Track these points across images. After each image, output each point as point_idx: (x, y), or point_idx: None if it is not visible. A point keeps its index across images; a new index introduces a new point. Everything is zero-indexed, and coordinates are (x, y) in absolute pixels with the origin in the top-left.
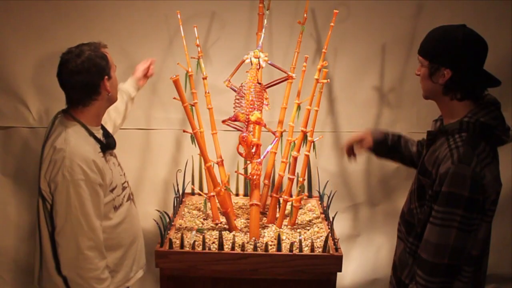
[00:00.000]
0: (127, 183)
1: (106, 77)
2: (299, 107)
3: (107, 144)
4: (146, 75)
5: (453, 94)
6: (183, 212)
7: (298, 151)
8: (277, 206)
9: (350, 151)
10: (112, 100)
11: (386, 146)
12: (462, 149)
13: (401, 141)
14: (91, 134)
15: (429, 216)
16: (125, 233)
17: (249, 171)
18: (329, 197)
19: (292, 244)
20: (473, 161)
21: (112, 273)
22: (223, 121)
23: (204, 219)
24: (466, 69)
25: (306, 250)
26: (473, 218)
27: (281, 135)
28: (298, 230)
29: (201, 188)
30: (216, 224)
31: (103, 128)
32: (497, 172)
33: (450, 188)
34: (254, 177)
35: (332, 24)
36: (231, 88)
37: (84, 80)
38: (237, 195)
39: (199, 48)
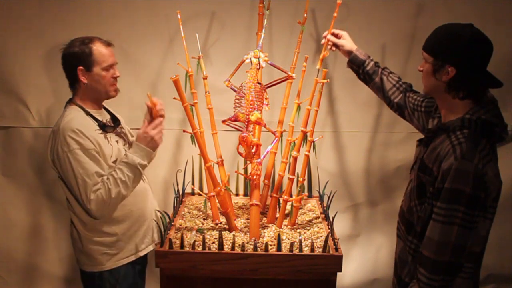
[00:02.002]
0: None
1: (81, 67)
2: (299, 107)
3: (103, 124)
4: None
5: (456, 93)
6: (183, 212)
7: (298, 151)
8: (277, 206)
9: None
10: (96, 92)
11: (362, 69)
12: (464, 145)
13: (378, 73)
14: (88, 114)
15: (430, 214)
16: (131, 205)
17: (249, 171)
18: (329, 197)
19: (292, 244)
20: (476, 157)
21: (119, 243)
22: (223, 121)
23: (204, 219)
24: (471, 68)
25: (306, 250)
26: (474, 215)
27: (281, 135)
28: (298, 230)
29: (201, 188)
30: (216, 224)
31: (110, 113)
32: (497, 169)
33: (453, 185)
34: (254, 177)
35: (335, 14)
36: (231, 88)
37: (64, 66)
38: (237, 195)
39: (200, 52)
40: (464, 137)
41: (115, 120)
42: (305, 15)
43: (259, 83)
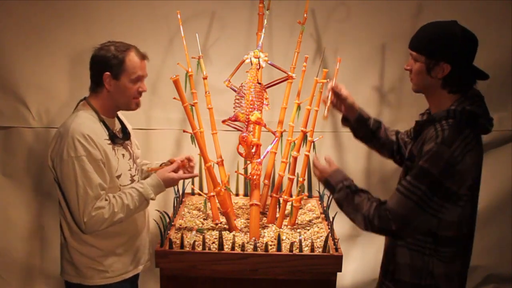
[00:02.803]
0: (138, 177)
1: (108, 73)
2: (299, 107)
3: (113, 135)
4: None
5: (451, 88)
6: (183, 212)
7: (298, 151)
8: (277, 206)
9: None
10: (117, 101)
11: (367, 127)
12: (447, 132)
13: (381, 127)
14: (101, 120)
15: None
16: (125, 223)
17: (249, 171)
18: (329, 197)
19: (292, 244)
20: (455, 144)
21: (107, 259)
22: (223, 121)
23: (204, 219)
24: (464, 63)
25: (306, 250)
26: (432, 200)
27: (281, 135)
28: (298, 230)
29: (201, 188)
30: (216, 224)
31: (121, 123)
32: (478, 159)
33: (424, 164)
34: (254, 177)
35: (337, 67)
36: (231, 88)
37: (92, 66)
38: (237, 195)
39: (200, 52)
40: (448, 125)
41: (125, 131)
42: (305, 15)
43: (259, 83)
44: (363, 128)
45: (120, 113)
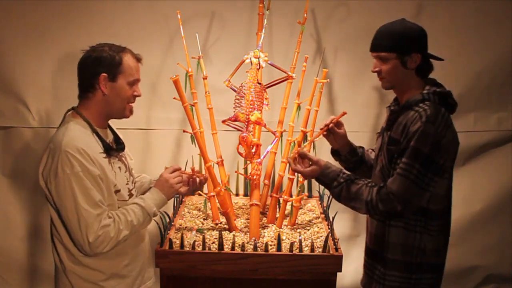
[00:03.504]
0: (135, 191)
1: (105, 74)
2: (299, 107)
3: (109, 147)
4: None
5: (423, 73)
6: (183, 212)
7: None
8: (277, 206)
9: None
10: (111, 107)
11: (357, 156)
12: (429, 111)
13: (364, 152)
14: (94, 131)
15: None
16: (127, 242)
17: (249, 171)
18: (329, 197)
19: (292, 244)
20: (437, 121)
21: (109, 282)
22: (223, 121)
23: (204, 219)
24: (426, 49)
25: (306, 250)
26: (426, 176)
27: (281, 135)
28: (298, 230)
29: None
30: (216, 224)
31: (114, 133)
32: (455, 133)
33: (416, 144)
34: (254, 177)
35: (344, 111)
36: (231, 88)
37: (83, 70)
38: (237, 195)
39: (200, 52)
40: (427, 106)
41: (118, 142)
42: (305, 15)
43: (259, 83)
44: (354, 157)
45: (110, 123)
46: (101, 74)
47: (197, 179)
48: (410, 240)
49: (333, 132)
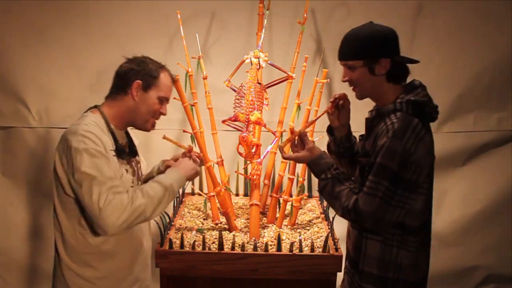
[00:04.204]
0: None
1: (140, 81)
2: (299, 107)
3: (121, 149)
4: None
5: (395, 79)
6: (183, 212)
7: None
8: (277, 206)
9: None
10: (135, 115)
11: (350, 141)
12: (396, 125)
13: (356, 143)
14: (110, 131)
15: None
16: (124, 240)
17: (249, 171)
18: None
19: (292, 244)
20: (406, 136)
21: (103, 282)
22: (223, 121)
23: (204, 219)
24: (396, 52)
25: (306, 250)
26: (396, 193)
27: (281, 135)
28: (298, 230)
29: (201, 188)
30: (216, 224)
31: (129, 138)
32: (430, 145)
33: (382, 160)
34: (254, 177)
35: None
36: (231, 88)
37: (122, 72)
38: (237, 195)
39: (200, 52)
40: (396, 118)
41: (131, 147)
42: (305, 15)
43: (259, 83)
44: (347, 143)
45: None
46: (136, 80)
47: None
48: (387, 254)
49: (339, 108)
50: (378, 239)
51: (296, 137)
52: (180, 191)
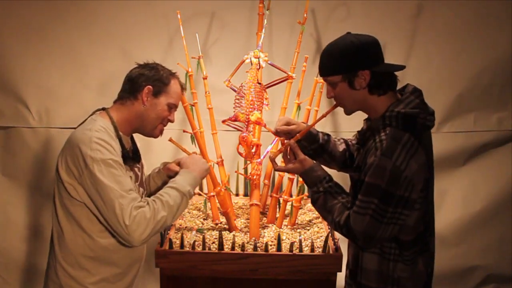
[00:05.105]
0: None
1: (151, 87)
2: (299, 107)
3: (127, 154)
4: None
5: (378, 90)
6: (183, 212)
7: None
8: (277, 206)
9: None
10: (143, 121)
11: (317, 142)
12: (385, 143)
13: (330, 140)
14: (118, 136)
15: None
16: (125, 251)
17: (249, 171)
18: None
19: (292, 244)
20: (395, 154)
21: (101, 285)
22: (223, 121)
23: (204, 219)
24: (377, 62)
25: (306, 250)
26: (387, 211)
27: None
28: (298, 230)
29: (201, 188)
30: (216, 224)
31: (133, 144)
32: (423, 159)
33: (370, 179)
34: (254, 177)
35: None
36: (231, 88)
37: (133, 76)
38: (237, 195)
39: (200, 52)
40: (385, 134)
41: (135, 153)
42: (305, 15)
43: (259, 83)
44: (312, 145)
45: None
46: (147, 86)
47: None
48: (384, 268)
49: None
50: (375, 252)
51: (288, 148)
52: None
